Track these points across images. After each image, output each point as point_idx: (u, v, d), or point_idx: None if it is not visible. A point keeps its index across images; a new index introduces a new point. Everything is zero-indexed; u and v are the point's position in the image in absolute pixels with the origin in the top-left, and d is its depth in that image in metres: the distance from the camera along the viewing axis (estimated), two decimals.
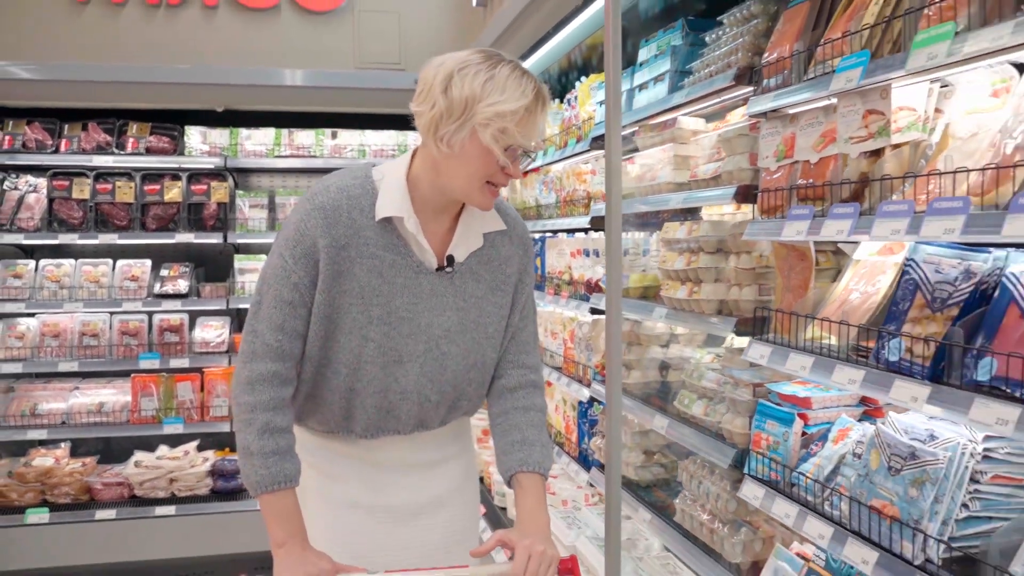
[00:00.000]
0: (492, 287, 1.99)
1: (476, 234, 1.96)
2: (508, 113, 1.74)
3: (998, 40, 1.50)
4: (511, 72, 1.77)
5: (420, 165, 1.87)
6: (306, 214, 1.83)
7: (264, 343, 1.84)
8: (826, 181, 2.04)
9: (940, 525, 1.74)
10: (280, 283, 1.84)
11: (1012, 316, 1.63)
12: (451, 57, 1.79)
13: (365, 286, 1.86)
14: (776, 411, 2.32)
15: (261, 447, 1.81)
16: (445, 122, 1.75)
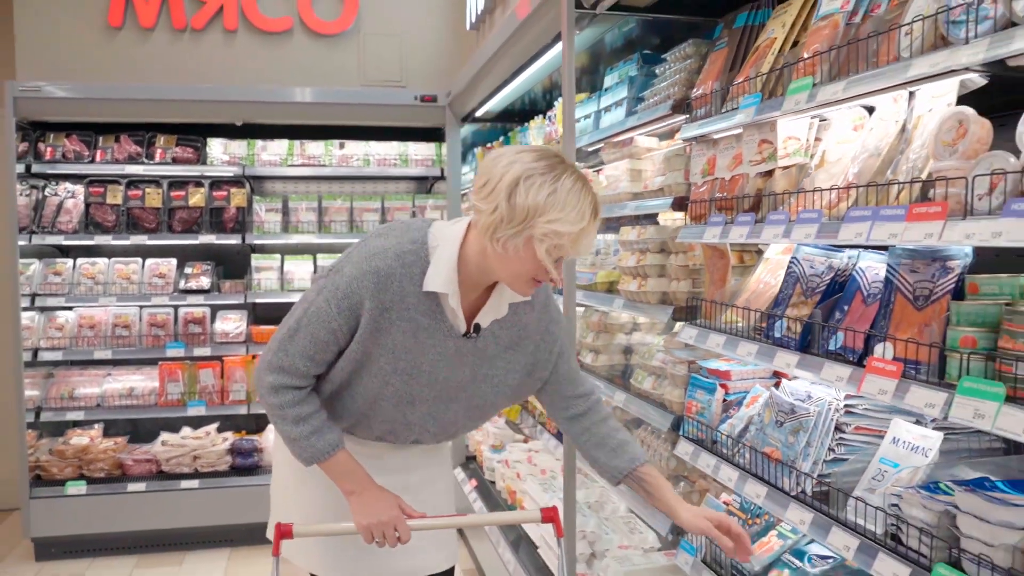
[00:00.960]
0: (507, 346, 2.07)
1: (503, 305, 2.03)
2: (564, 233, 1.78)
3: (835, 94, 2.00)
4: (572, 186, 1.80)
5: (471, 247, 1.91)
6: (361, 275, 1.89)
7: (293, 365, 1.94)
8: (733, 195, 2.54)
9: (811, 464, 2.23)
10: (320, 326, 1.92)
11: (857, 300, 2.12)
12: (518, 160, 1.81)
13: (398, 344, 1.94)
14: (703, 382, 2.81)
15: (300, 433, 1.96)
16: (504, 227, 1.79)
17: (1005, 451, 2.13)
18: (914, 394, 1.74)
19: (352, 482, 2.01)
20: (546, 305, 2.14)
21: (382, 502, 2.00)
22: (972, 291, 1.77)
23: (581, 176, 1.84)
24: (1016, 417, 1.49)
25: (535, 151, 1.85)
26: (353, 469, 2.02)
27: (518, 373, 2.11)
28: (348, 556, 2.17)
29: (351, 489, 2.01)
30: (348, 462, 2.02)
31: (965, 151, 1.71)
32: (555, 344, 2.15)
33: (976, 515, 1.63)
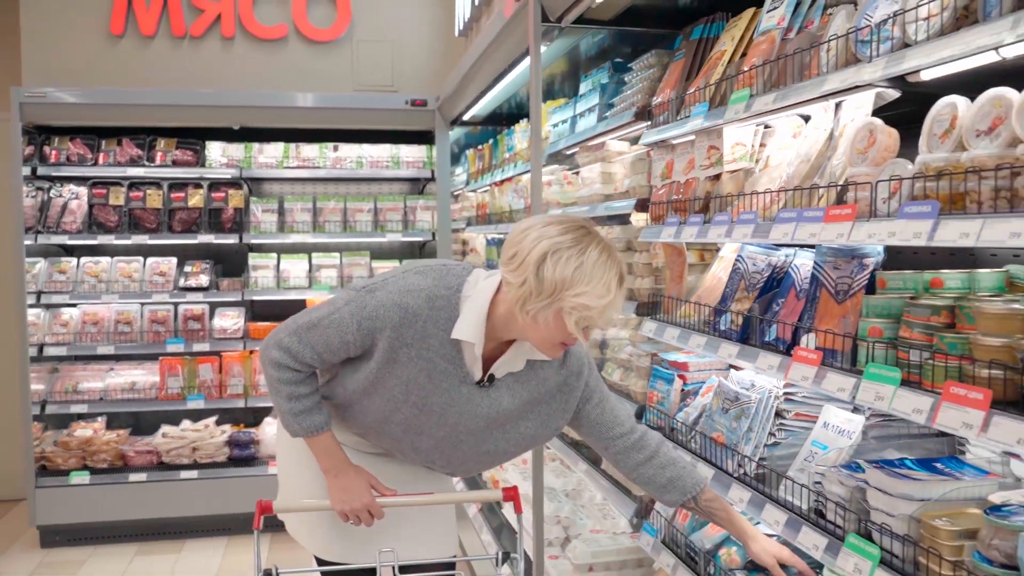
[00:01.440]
0: (524, 401, 2.09)
1: (521, 360, 2.06)
2: (593, 307, 1.83)
3: (767, 104, 2.17)
4: (598, 258, 1.84)
5: (501, 306, 1.95)
6: (390, 305, 1.95)
7: (301, 353, 2.02)
8: (686, 198, 2.71)
9: (753, 448, 2.40)
10: (336, 333, 1.99)
11: (791, 295, 2.29)
12: (545, 234, 1.85)
13: (412, 380, 2.00)
14: (664, 373, 2.98)
15: (290, 408, 2.06)
16: (533, 300, 1.84)
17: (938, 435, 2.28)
18: (829, 380, 1.91)
19: (329, 461, 2.13)
20: (565, 360, 2.14)
21: (355, 485, 2.11)
22: (881, 286, 1.94)
23: (607, 246, 1.89)
24: (908, 399, 1.66)
25: (561, 223, 1.88)
26: (332, 450, 2.13)
27: (531, 423, 2.14)
28: (356, 541, 2.26)
29: (328, 468, 2.13)
30: (329, 444, 2.12)
31: (874, 158, 1.88)
32: (573, 395, 2.16)
33: (880, 489, 1.80)
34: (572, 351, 2.14)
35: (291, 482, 2.37)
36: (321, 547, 2.31)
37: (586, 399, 2.18)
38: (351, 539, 2.27)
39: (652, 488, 2.23)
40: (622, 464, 2.24)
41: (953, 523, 1.64)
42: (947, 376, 1.59)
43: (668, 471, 2.21)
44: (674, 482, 2.20)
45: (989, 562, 1.53)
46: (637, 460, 2.22)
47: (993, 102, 1.54)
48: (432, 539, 2.35)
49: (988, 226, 1.44)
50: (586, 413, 2.19)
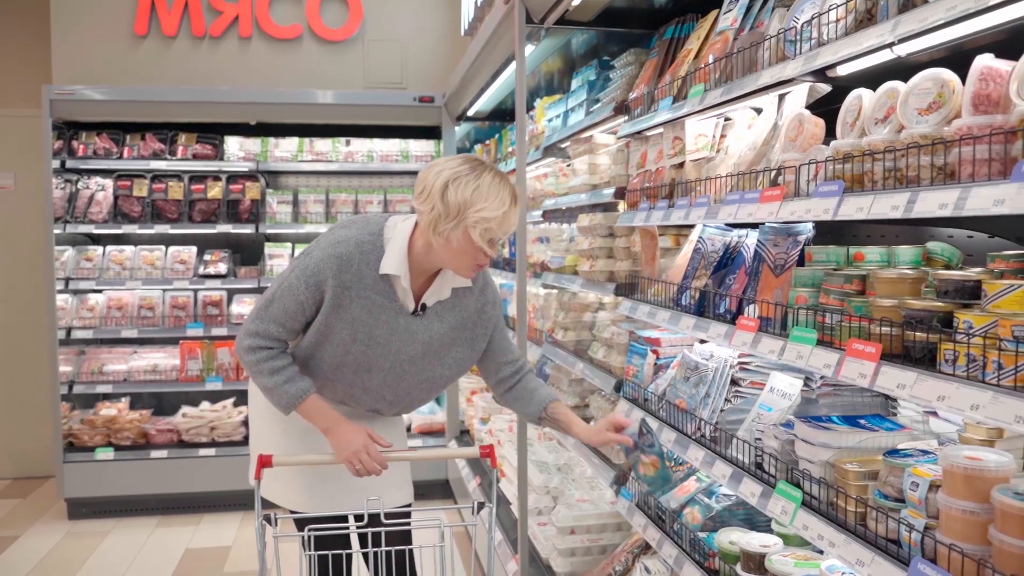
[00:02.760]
0: (452, 326, 2.43)
1: (446, 289, 2.40)
2: (492, 218, 2.17)
3: (716, 98, 2.39)
4: (492, 180, 2.19)
5: (419, 239, 2.28)
6: (326, 258, 2.25)
7: (267, 330, 2.29)
8: (655, 185, 2.94)
9: (709, 413, 2.63)
10: (290, 298, 2.28)
11: (742, 272, 2.51)
12: (446, 167, 2.20)
13: (357, 319, 2.30)
14: (638, 348, 3.21)
15: (274, 383, 2.30)
16: (443, 222, 2.18)
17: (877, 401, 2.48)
18: (764, 344, 2.13)
19: (326, 420, 2.36)
20: (483, 289, 2.49)
21: (353, 433, 2.33)
22: (808, 259, 2.16)
23: (499, 173, 2.24)
24: (821, 356, 1.88)
25: (460, 158, 2.25)
26: (325, 410, 2.36)
27: (461, 347, 2.47)
28: (326, 493, 2.55)
29: (326, 426, 2.35)
30: (320, 404, 2.36)
31: (801, 145, 2.10)
32: (490, 321, 2.51)
33: (805, 439, 2.02)
34: (488, 284, 2.49)
35: (263, 443, 2.60)
36: (296, 502, 2.55)
37: (495, 326, 2.53)
38: (323, 493, 2.52)
39: (521, 402, 2.57)
40: (504, 386, 2.58)
41: (861, 467, 1.86)
42: (852, 335, 1.81)
43: (532, 384, 2.57)
44: (535, 393, 2.56)
45: (885, 497, 1.75)
46: (515, 381, 2.57)
47: (888, 93, 1.76)
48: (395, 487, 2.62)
49: (877, 201, 1.66)
50: (492, 339, 2.54)
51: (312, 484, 2.56)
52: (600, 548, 3.43)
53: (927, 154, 1.59)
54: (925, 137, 1.61)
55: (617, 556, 3.24)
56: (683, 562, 2.56)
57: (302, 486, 2.57)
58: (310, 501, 2.56)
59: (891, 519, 1.68)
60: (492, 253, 2.27)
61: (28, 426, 6.35)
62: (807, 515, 1.92)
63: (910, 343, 1.65)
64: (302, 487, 2.57)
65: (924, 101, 1.64)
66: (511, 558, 3.85)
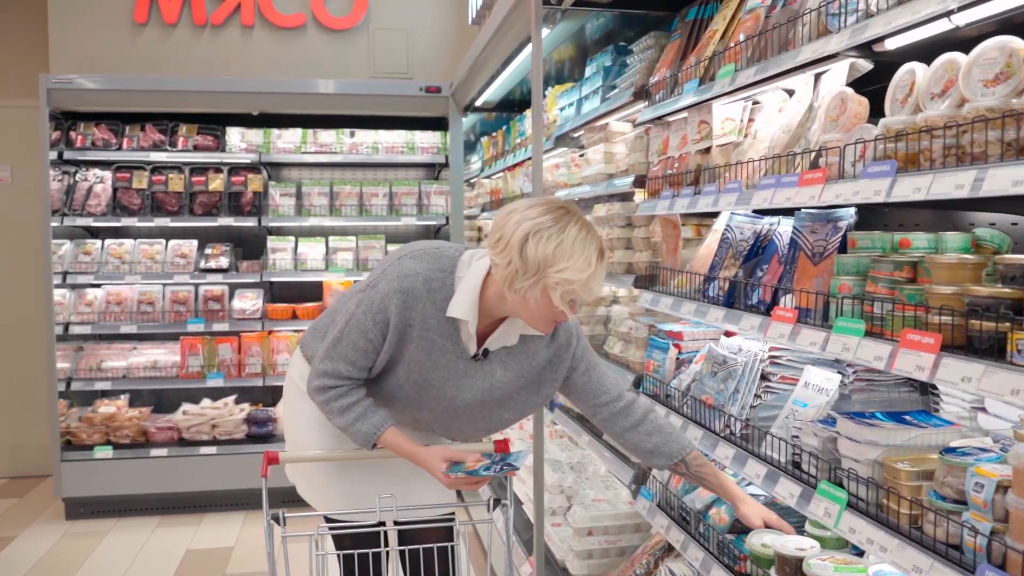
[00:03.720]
0: (517, 374, 2.23)
1: (514, 336, 2.21)
2: (575, 280, 1.96)
3: (749, 77, 2.28)
4: (577, 235, 1.97)
5: (492, 286, 2.09)
6: (392, 292, 2.09)
7: (336, 369, 2.16)
8: (680, 171, 2.82)
9: (739, 409, 2.51)
10: (359, 336, 2.13)
11: (774, 261, 2.40)
12: (527, 216, 1.99)
13: (414, 358, 2.15)
14: (659, 343, 3.09)
15: (347, 421, 2.18)
16: (520, 278, 1.98)
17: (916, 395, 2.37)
18: (803, 336, 2.01)
19: (409, 450, 2.21)
20: (568, 342, 2.28)
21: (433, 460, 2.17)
22: (852, 246, 2.04)
23: (586, 223, 2.02)
24: (871, 348, 1.76)
25: (542, 205, 2.02)
26: (403, 441, 2.20)
27: (525, 393, 2.27)
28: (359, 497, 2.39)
29: (411, 454, 2.21)
30: (396, 439, 2.20)
31: (844, 124, 1.98)
32: (562, 368, 2.28)
33: (849, 436, 1.91)
34: (561, 325, 2.25)
35: (300, 438, 2.49)
36: (326, 504, 2.43)
37: (573, 368, 2.30)
38: (355, 495, 2.40)
39: (640, 453, 2.35)
40: (609, 429, 2.36)
41: (913, 466, 1.74)
42: (905, 325, 1.69)
43: (654, 438, 2.32)
44: (660, 448, 2.32)
45: (942, 499, 1.63)
46: (623, 426, 2.33)
47: (945, 66, 1.64)
48: (431, 493, 2.47)
49: (937, 180, 1.54)
50: (574, 381, 2.31)
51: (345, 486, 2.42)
52: (618, 550, 3.32)
53: (995, 128, 1.47)
54: (992, 111, 1.49)
55: (637, 558, 3.12)
56: (711, 565, 2.44)
57: (333, 488, 2.43)
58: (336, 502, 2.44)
59: (952, 522, 1.57)
60: (572, 313, 2.08)
61: (25, 424, 6.25)
62: (853, 517, 1.80)
63: (974, 333, 1.53)
64: (333, 488, 2.43)
65: (990, 72, 1.52)
66: (525, 560, 3.74)
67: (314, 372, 2.21)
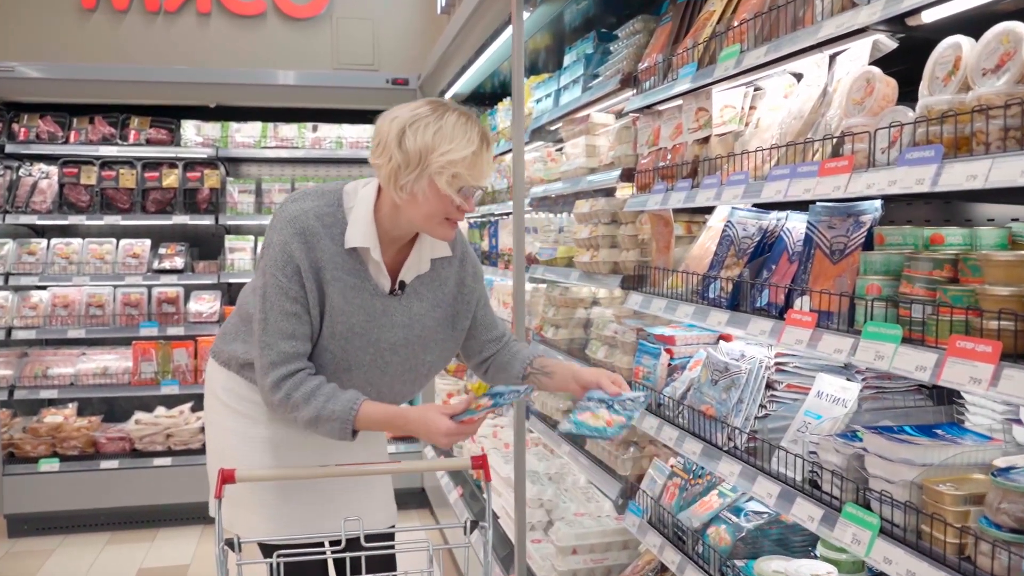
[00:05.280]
0: (433, 304, 2.17)
1: (425, 260, 2.14)
2: (459, 160, 1.90)
3: (759, 58, 2.08)
4: (457, 120, 1.93)
5: (384, 203, 2.02)
6: (288, 237, 1.97)
7: (279, 352, 1.99)
8: (674, 163, 2.62)
9: (743, 420, 2.31)
10: (281, 299, 1.98)
11: (783, 259, 2.20)
12: (403, 111, 1.96)
13: (335, 305, 2.02)
14: (649, 348, 2.89)
15: (319, 406, 1.97)
16: (403, 173, 1.91)
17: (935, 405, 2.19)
18: (826, 341, 1.81)
19: (398, 425, 2.04)
20: (463, 259, 2.25)
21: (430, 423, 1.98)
22: (879, 242, 1.85)
23: (465, 112, 1.97)
24: (910, 356, 1.57)
25: (420, 101, 1.98)
26: (387, 414, 2.03)
27: (444, 329, 2.20)
28: (296, 516, 2.21)
29: (401, 428, 2.04)
30: (380, 410, 2.02)
31: (871, 108, 1.78)
32: (472, 295, 2.25)
33: (880, 454, 1.71)
34: (468, 255, 2.25)
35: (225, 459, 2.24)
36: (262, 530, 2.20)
37: (478, 300, 2.27)
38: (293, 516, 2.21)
39: (501, 372, 2.31)
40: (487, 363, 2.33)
41: (958, 488, 1.55)
42: (952, 330, 1.50)
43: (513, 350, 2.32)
44: (515, 355, 2.30)
45: (997, 527, 1.44)
46: (502, 361, 2.32)
47: (1000, 38, 1.45)
48: (378, 507, 2.33)
49: (997, 166, 1.35)
50: (476, 316, 2.28)
51: (279, 506, 2.22)
52: (605, 570, 3.11)
53: None
54: None
55: None
56: None
57: (268, 510, 2.22)
58: (278, 526, 2.21)
59: (1013, 554, 1.38)
60: (468, 207, 2.00)
61: None
62: (888, 546, 1.61)
63: None
64: (268, 511, 2.22)
65: None
66: None
67: (260, 374, 2.03)
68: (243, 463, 2.20)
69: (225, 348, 2.24)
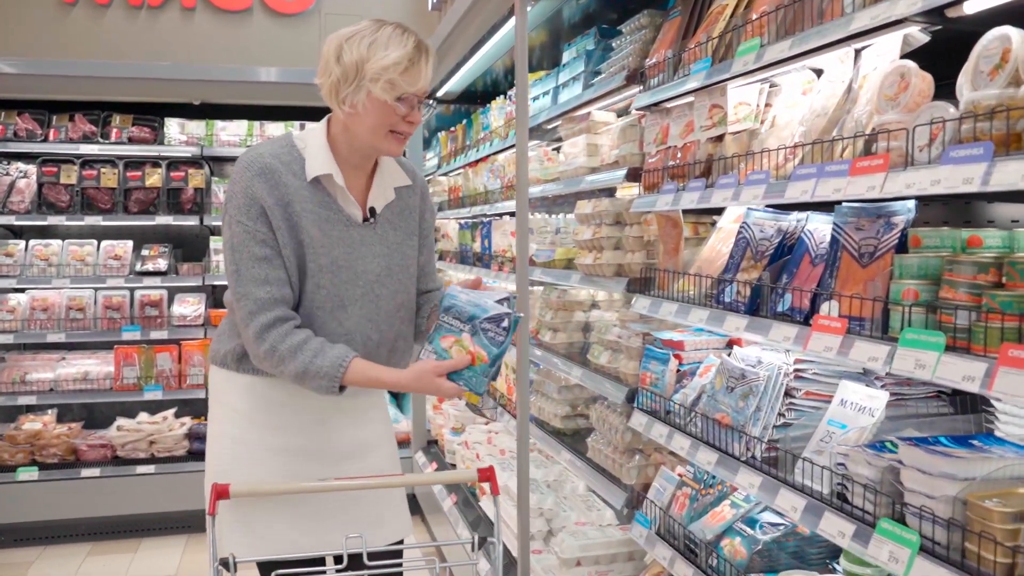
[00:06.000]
0: (407, 233, 2.24)
1: (389, 188, 2.20)
2: (391, 65, 1.94)
3: (782, 52, 1.99)
4: (392, 31, 1.99)
5: (334, 128, 2.10)
6: (249, 181, 1.99)
7: (255, 300, 1.98)
8: (685, 162, 2.53)
9: (761, 429, 2.22)
10: (250, 244, 1.99)
11: (805, 262, 2.11)
12: (342, 33, 2.02)
13: (313, 237, 2.04)
14: (657, 353, 2.80)
15: (306, 362, 1.96)
16: (343, 86, 1.98)
17: (953, 415, 2.12)
18: (858, 349, 1.73)
19: (387, 379, 2.05)
20: (423, 194, 2.34)
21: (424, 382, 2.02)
22: (915, 244, 1.76)
23: (403, 26, 2.03)
24: (956, 366, 1.48)
25: (363, 21, 2.04)
26: (374, 369, 2.03)
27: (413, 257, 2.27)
28: (296, 532, 2.12)
29: (392, 383, 2.05)
30: (368, 366, 2.02)
31: (907, 104, 1.70)
32: (428, 230, 2.34)
33: (918, 468, 1.62)
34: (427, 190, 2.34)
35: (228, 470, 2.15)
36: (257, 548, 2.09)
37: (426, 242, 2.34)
38: (290, 533, 2.12)
39: None
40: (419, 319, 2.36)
41: (1006, 504, 1.46)
42: (1003, 338, 1.42)
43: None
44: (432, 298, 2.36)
45: None
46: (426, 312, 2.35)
47: None
48: (387, 519, 2.25)
49: None
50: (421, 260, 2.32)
51: (276, 521, 2.11)
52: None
53: None
54: None
55: None
56: None
57: (265, 526, 2.11)
58: (274, 543, 2.11)
59: None
60: (412, 117, 2.04)
61: None
62: (930, 564, 1.52)
63: None
64: (266, 527, 2.11)
65: None
66: None
67: (242, 326, 2.03)
68: (249, 474, 2.10)
69: (221, 348, 2.19)
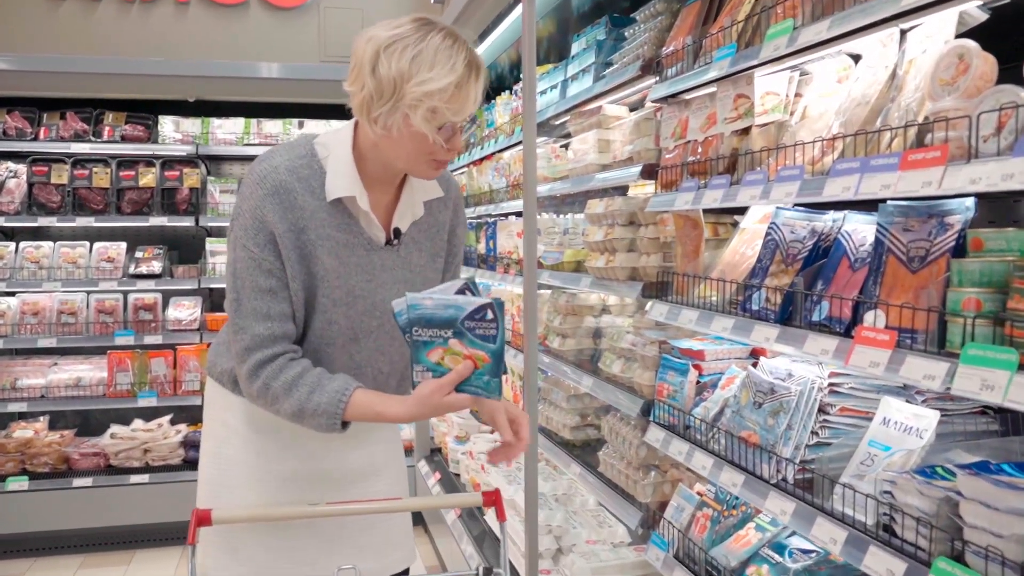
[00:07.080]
0: (432, 254, 1.97)
1: (418, 204, 1.91)
2: (436, 92, 1.64)
3: (819, 34, 1.80)
4: (441, 43, 1.66)
5: (363, 141, 1.79)
6: (260, 200, 1.73)
7: (253, 336, 1.75)
8: (707, 157, 2.34)
9: (793, 449, 2.02)
10: (254, 271, 1.75)
11: (843, 266, 1.92)
12: (382, 29, 1.69)
13: (329, 268, 1.80)
14: (675, 363, 2.61)
15: (303, 398, 1.74)
16: (376, 104, 1.67)
17: (1002, 433, 1.93)
18: (910, 365, 1.54)
19: (392, 412, 1.75)
20: (457, 207, 2.03)
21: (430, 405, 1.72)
22: (976, 247, 1.57)
23: (452, 32, 1.69)
24: None
25: (402, 19, 1.70)
26: (376, 401, 1.76)
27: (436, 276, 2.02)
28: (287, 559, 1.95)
29: (395, 415, 1.76)
30: (369, 397, 1.76)
31: (967, 89, 1.50)
32: (459, 248, 2.07)
33: (983, 502, 1.43)
34: (461, 201, 2.05)
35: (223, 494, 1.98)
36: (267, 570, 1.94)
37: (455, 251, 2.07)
38: (295, 560, 1.94)
39: None
40: None
41: None
42: None
43: None
44: None
45: None
46: None
47: None
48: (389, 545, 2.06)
49: None
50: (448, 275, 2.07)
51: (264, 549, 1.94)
52: None
53: None
54: None
55: None
56: None
57: (247, 554, 1.93)
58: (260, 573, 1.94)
59: None
60: (454, 144, 1.74)
61: None
62: None
63: None
64: (247, 555, 1.93)
65: None
66: None
67: (237, 361, 1.80)
68: (243, 499, 1.93)
69: (219, 363, 1.98)
